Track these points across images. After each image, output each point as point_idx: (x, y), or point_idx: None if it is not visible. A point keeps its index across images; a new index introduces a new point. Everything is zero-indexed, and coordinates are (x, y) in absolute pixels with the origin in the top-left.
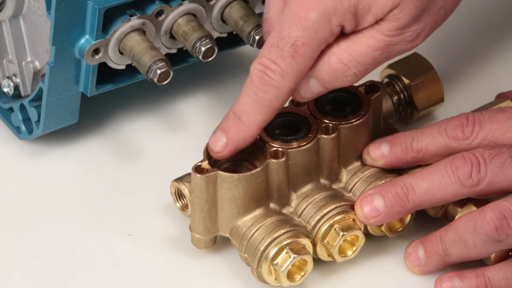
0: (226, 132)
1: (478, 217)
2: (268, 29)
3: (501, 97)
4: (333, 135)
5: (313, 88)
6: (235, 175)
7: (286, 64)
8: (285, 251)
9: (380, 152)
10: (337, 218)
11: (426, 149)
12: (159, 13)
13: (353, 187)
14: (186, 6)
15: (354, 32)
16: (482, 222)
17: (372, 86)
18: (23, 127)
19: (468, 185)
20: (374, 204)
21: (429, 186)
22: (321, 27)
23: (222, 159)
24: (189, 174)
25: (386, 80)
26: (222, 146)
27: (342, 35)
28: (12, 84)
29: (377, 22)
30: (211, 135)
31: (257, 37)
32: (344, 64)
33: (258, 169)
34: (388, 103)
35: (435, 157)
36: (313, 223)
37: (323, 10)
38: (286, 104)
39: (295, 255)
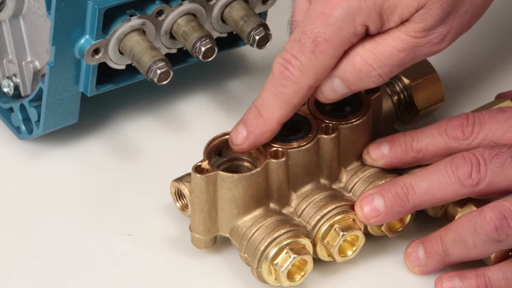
0: (246, 126)
1: (478, 217)
2: (294, 30)
3: (501, 97)
4: (333, 135)
5: (337, 89)
6: (235, 175)
7: (306, 59)
8: (285, 251)
9: (380, 152)
10: (337, 218)
11: (426, 149)
12: (159, 13)
13: (353, 187)
14: (186, 6)
15: (380, 32)
16: (482, 222)
17: None
18: (23, 127)
19: (468, 185)
20: (374, 204)
21: (429, 186)
22: (344, 25)
23: (242, 152)
24: (189, 174)
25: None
26: (243, 139)
27: (367, 35)
28: (12, 84)
29: (403, 22)
30: (233, 128)
31: (257, 37)
32: (369, 64)
33: (258, 169)
34: (388, 103)
35: (435, 157)
36: (313, 223)
37: (348, 8)
38: None
39: (295, 255)
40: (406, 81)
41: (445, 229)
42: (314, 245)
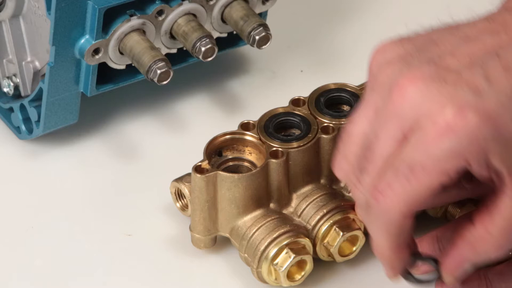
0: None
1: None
2: None
3: None
4: (333, 135)
5: (468, 270)
6: (235, 175)
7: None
8: (285, 251)
9: None
10: (337, 218)
11: None
12: (159, 13)
13: None
14: (186, 6)
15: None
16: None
17: None
18: (23, 127)
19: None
20: None
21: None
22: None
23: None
24: (189, 174)
25: None
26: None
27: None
28: (12, 84)
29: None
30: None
31: (257, 37)
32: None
33: (258, 169)
34: None
35: None
36: (313, 223)
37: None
38: (286, 104)
39: (295, 255)
40: None
41: (442, 230)
42: (314, 245)
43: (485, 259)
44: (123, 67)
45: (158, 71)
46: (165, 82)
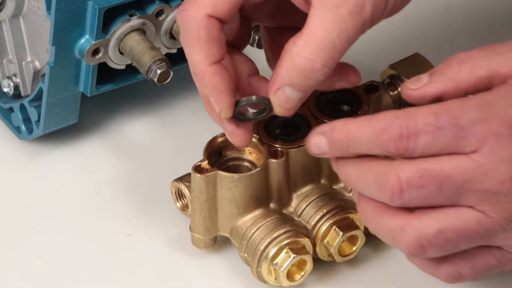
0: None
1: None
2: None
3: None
4: None
5: (291, 96)
6: (235, 175)
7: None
8: (284, 250)
9: (320, 150)
10: (337, 218)
11: (365, 153)
12: (159, 13)
13: None
14: None
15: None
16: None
17: (372, 86)
18: (23, 127)
19: (392, 204)
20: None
21: (355, 178)
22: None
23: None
24: (189, 174)
25: (387, 80)
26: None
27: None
28: (12, 84)
29: None
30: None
31: (256, 37)
32: (309, 59)
33: (258, 169)
34: (388, 103)
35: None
36: (313, 223)
37: None
38: None
39: (295, 255)
40: (406, 81)
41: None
42: (314, 245)
43: (302, 81)
44: (123, 67)
45: (158, 71)
46: (165, 82)
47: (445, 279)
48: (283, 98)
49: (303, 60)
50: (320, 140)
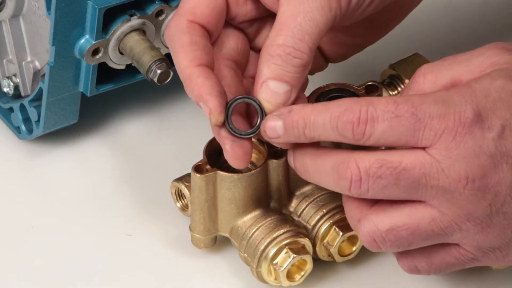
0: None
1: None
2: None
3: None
4: None
5: (276, 90)
6: (235, 175)
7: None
8: (284, 250)
9: (276, 133)
10: (337, 218)
11: (319, 138)
12: (159, 13)
13: None
14: None
15: None
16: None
17: (372, 86)
18: (23, 127)
19: (350, 193)
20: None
21: (313, 169)
22: None
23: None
24: (189, 174)
25: (387, 80)
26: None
27: None
28: (12, 84)
29: None
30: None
31: None
32: (280, 45)
33: (258, 169)
34: None
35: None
36: (313, 223)
37: None
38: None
39: (295, 255)
40: (407, 81)
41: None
42: (314, 245)
43: (281, 70)
44: (123, 67)
45: (158, 71)
46: (165, 82)
47: (405, 270)
48: (269, 92)
49: (275, 47)
50: (277, 124)
